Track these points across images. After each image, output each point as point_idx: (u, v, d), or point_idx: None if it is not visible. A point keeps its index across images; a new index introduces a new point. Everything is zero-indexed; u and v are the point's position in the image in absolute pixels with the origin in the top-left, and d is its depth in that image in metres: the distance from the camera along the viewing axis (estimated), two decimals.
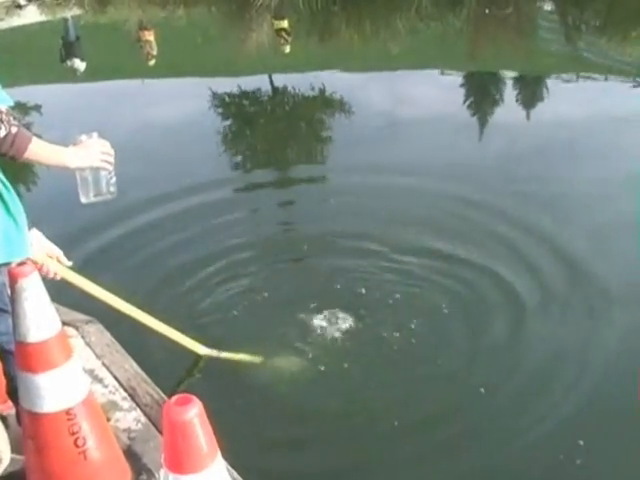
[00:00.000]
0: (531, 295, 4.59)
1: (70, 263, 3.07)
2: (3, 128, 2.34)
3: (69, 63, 12.91)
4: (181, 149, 7.78)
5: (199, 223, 5.80)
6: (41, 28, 17.08)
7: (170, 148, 7.87)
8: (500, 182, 6.32)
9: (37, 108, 9.95)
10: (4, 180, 2.53)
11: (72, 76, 12.06)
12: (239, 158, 8.03)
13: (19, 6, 17.77)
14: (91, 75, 11.57)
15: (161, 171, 7.16)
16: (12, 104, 2.42)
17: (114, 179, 2.73)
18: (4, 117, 2.34)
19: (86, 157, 2.63)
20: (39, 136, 2.48)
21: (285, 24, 14.71)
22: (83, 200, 2.74)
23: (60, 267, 3.03)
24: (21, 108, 10.10)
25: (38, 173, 7.12)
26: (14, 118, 2.40)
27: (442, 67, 10.59)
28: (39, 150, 2.49)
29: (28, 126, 6.74)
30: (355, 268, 5.01)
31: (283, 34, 14.33)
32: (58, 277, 3.04)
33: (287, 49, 13.34)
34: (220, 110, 9.68)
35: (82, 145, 2.65)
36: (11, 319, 2.32)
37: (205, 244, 5.40)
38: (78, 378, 2.38)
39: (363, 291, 4.72)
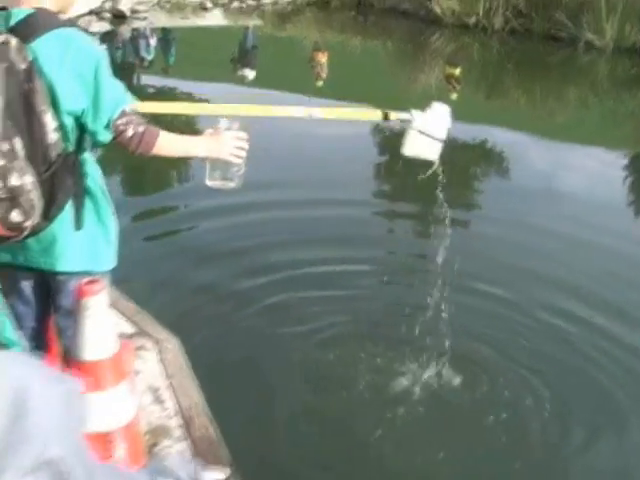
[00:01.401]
0: None
1: None
2: (130, 128, 2.37)
3: (239, 72, 13.30)
4: (328, 169, 7.91)
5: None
6: (222, 31, 17.67)
7: (317, 164, 8.07)
8: None
9: (204, 101, 10.21)
10: (103, 190, 2.53)
11: (240, 82, 12.37)
12: (382, 192, 7.98)
13: (205, 8, 18.46)
14: (259, 83, 11.81)
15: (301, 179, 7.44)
16: (135, 103, 2.42)
17: (243, 170, 2.68)
18: (131, 117, 2.37)
19: (217, 149, 2.60)
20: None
21: (457, 72, 14.64)
22: (208, 182, 2.69)
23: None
24: (189, 98, 10.50)
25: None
26: (141, 117, 2.42)
27: (607, 145, 10.20)
28: (168, 144, 2.50)
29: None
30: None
31: (453, 81, 14.24)
32: None
33: (454, 96, 13.24)
34: (378, 141, 9.68)
35: (216, 135, 2.61)
36: None
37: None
38: (123, 404, 2.33)
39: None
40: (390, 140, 9.83)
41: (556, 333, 4.85)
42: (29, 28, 2.24)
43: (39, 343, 2.64)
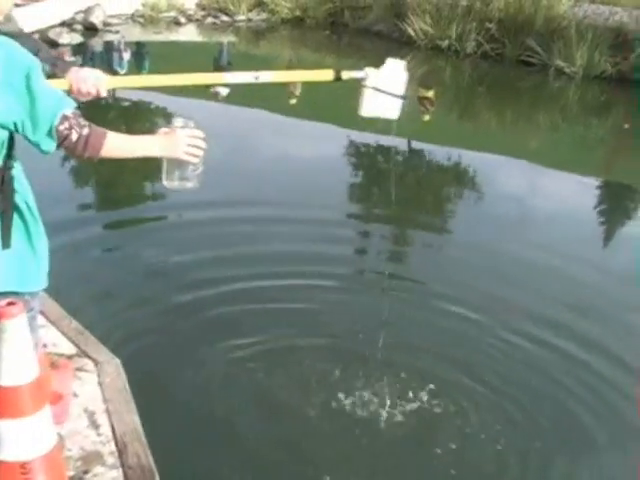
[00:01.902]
0: None
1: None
2: (74, 132, 2.28)
3: (213, 89, 13.22)
4: (306, 187, 7.90)
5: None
6: (196, 47, 17.62)
7: (293, 182, 8.06)
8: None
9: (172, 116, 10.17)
10: (32, 209, 2.45)
11: (214, 98, 12.30)
12: (357, 209, 8.06)
13: (179, 23, 18.40)
14: (233, 100, 11.74)
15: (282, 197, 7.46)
16: (76, 105, 2.33)
17: (200, 170, 2.59)
18: (73, 121, 2.28)
19: (172, 147, 2.51)
20: None
21: (431, 94, 14.69)
22: (165, 183, 2.62)
23: (111, 79, 2.93)
24: (165, 114, 10.49)
25: None
26: (83, 119, 2.33)
27: (578, 170, 10.27)
28: (116, 145, 2.41)
29: None
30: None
31: (426, 103, 14.27)
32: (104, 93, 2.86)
33: (427, 117, 13.28)
34: (353, 159, 9.76)
35: (171, 134, 2.52)
36: None
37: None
38: (43, 432, 2.23)
39: None
40: (367, 158, 9.88)
41: (522, 356, 4.89)
42: None
43: None
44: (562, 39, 14.96)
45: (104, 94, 2.84)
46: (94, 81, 2.80)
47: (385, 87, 3.26)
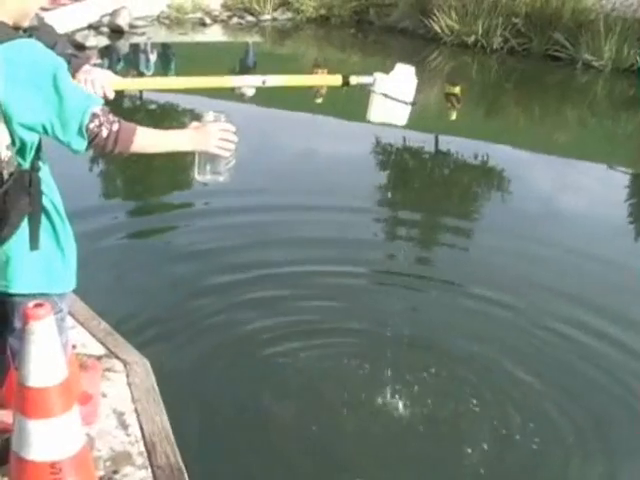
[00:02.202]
0: None
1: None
2: (104, 129, 2.28)
3: (237, 90, 13.26)
4: (333, 184, 7.86)
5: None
6: (222, 48, 17.66)
7: (320, 179, 8.06)
8: None
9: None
10: (60, 210, 2.46)
11: (240, 99, 12.33)
12: (385, 206, 7.96)
13: (204, 24, 18.44)
14: (259, 100, 11.76)
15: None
16: (103, 103, 2.34)
17: (233, 163, 2.60)
18: (102, 118, 2.28)
19: (203, 142, 2.51)
20: None
21: (457, 90, 14.59)
22: (197, 177, 2.62)
23: (118, 81, 2.92)
24: (193, 114, 10.39)
25: None
26: (112, 115, 2.33)
27: (608, 164, 10.18)
28: (147, 140, 2.41)
29: None
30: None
31: (453, 100, 14.18)
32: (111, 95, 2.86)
33: (454, 115, 13.20)
34: (380, 157, 9.71)
35: (201, 127, 2.53)
36: None
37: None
38: (72, 432, 2.24)
39: None
40: (394, 155, 9.86)
41: (553, 353, 4.90)
42: None
43: None
44: (590, 32, 14.78)
45: (111, 96, 2.84)
46: (102, 82, 2.80)
47: (394, 93, 3.22)
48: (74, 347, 3.43)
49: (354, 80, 3.25)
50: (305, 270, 5.74)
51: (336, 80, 3.26)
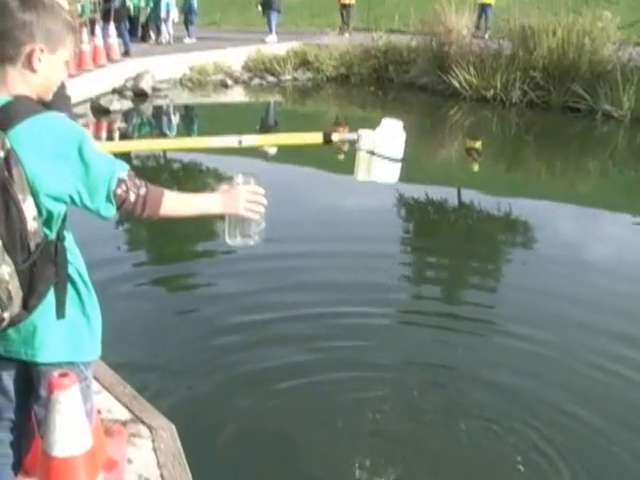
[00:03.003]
0: None
1: None
2: (132, 193, 2.30)
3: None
4: (358, 235, 7.95)
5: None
6: (243, 108, 17.93)
7: (345, 230, 8.16)
8: None
9: (227, 178, 10.29)
10: (85, 278, 2.48)
11: (262, 156, 12.49)
12: (409, 259, 8.05)
13: (226, 85, 18.74)
14: (280, 159, 11.88)
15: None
16: (129, 168, 2.36)
17: (263, 226, 2.57)
18: (129, 183, 2.30)
19: (231, 205, 2.49)
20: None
21: (478, 144, 14.77)
22: (227, 240, 2.59)
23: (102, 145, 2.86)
24: (214, 172, 10.68)
25: None
26: (139, 180, 2.35)
27: (630, 213, 10.14)
28: (175, 203, 2.42)
29: None
30: None
31: (474, 153, 14.37)
32: None
33: (476, 168, 13.33)
34: (404, 211, 9.78)
35: (230, 191, 2.51)
36: None
37: None
38: None
39: None
40: (417, 209, 9.90)
41: (589, 392, 4.87)
42: (8, 116, 2.22)
43: (20, 435, 2.56)
44: (608, 83, 14.91)
45: None
46: None
47: (381, 150, 2.99)
48: (99, 412, 3.43)
49: (336, 137, 3.08)
50: (334, 311, 5.87)
51: (317, 138, 3.09)
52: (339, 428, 4.28)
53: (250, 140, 3.06)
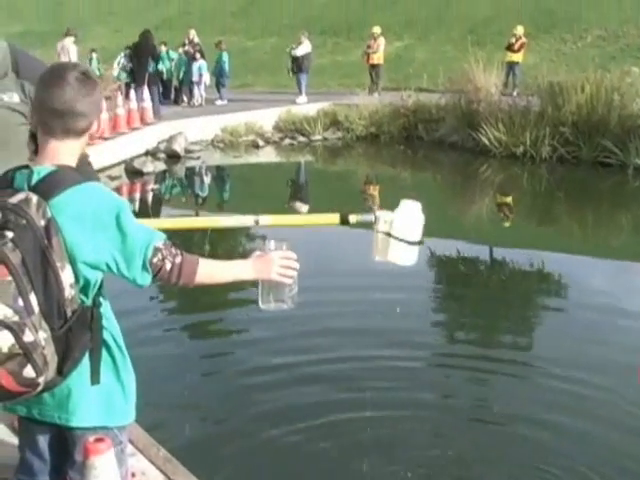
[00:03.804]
0: None
1: None
2: (167, 262, 2.36)
3: (292, 204, 13.64)
4: (389, 297, 7.79)
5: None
6: (274, 168, 18.12)
7: (377, 283, 8.00)
8: None
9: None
10: (120, 344, 2.52)
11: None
12: (442, 317, 8.03)
13: (257, 146, 18.98)
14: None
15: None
16: (165, 238, 2.42)
17: (295, 290, 2.62)
18: (165, 252, 2.36)
19: (264, 270, 2.55)
20: None
21: (509, 200, 14.81)
22: (261, 305, 2.64)
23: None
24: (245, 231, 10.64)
25: None
26: (175, 248, 2.41)
27: None
28: (210, 271, 2.48)
29: None
30: None
31: (505, 209, 14.40)
32: None
33: (507, 223, 13.35)
34: (436, 268, 9.74)
35: (263, 257, 2.58)
36: None
37: None
38: None
39: None
40: (450, 265, 9.89)
41: None
42: (49, 185, 2.29)
43: None
44: (638, 137, 14.89)
45: None
46: None
47: (398, 233, 2.95)
48: (133, 475, 3.44)
49: (353, 219, 3.03)
50: (368, 354, 6.03)
51: (334, 219, 3.06)
52: (380, 466, 4.27)
53: (266, 220, 3.07)
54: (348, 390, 5.30)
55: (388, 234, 2.93)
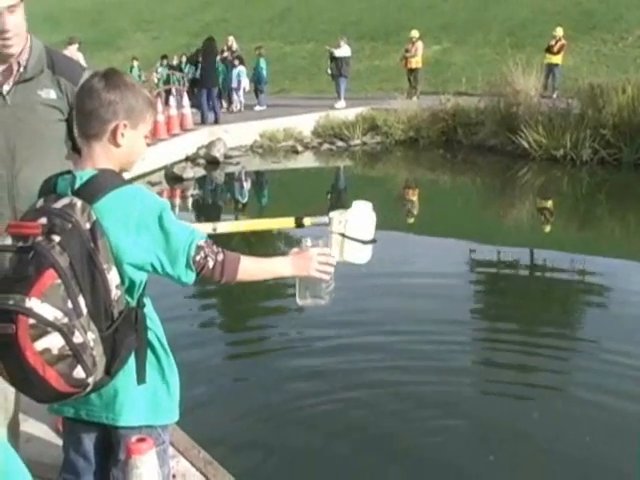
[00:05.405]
0: None
1: None
2: (210, 260, 2.41)
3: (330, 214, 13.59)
4: (430, 300, 7.93)
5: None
6: (313, 173, 18.15)
7: (417, 295, 8.11)
8: None
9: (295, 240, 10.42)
10: (164, 344, 2.57)
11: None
12: (484, 323, 7.93)
13: (296, 151, 19.04)
14: None
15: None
16: (206, 236, 2.47)
17: (332, 286, 2.69)
18: (207, 250, 2.41)
19: (302, 266, 2.61)
20: None
21: (549, 203, 14.67)
22: (298, 301, 2.71)
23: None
24: (285, 235, 10.71)
25: None
26: (216, 246, 2.46)
27: None
28: (250, 267, 2.53)
29: None
30: None
31: (545, 213, 14.27)
32: None
33: (547, 227, 13.23)
34: (476, 271, 9.74)
35: (301, 253, 2.63)
36: None
37: None
38: None
39: None
40: (491, 269, 9.85)
41: None
42: (93, 189, 2.34)
43: None
44: None
45: None
46: None
47: (351, 232, 2.96)
48: (174, 477, 3.47)
49: (308, 221, 3.07)
50: (404, 365, 6.00)
51: (289, 222, 3.11)
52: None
53: (224, 227, 3.15)
54: (396, 397, 5.27)
55: (342, 234, 2.94)
